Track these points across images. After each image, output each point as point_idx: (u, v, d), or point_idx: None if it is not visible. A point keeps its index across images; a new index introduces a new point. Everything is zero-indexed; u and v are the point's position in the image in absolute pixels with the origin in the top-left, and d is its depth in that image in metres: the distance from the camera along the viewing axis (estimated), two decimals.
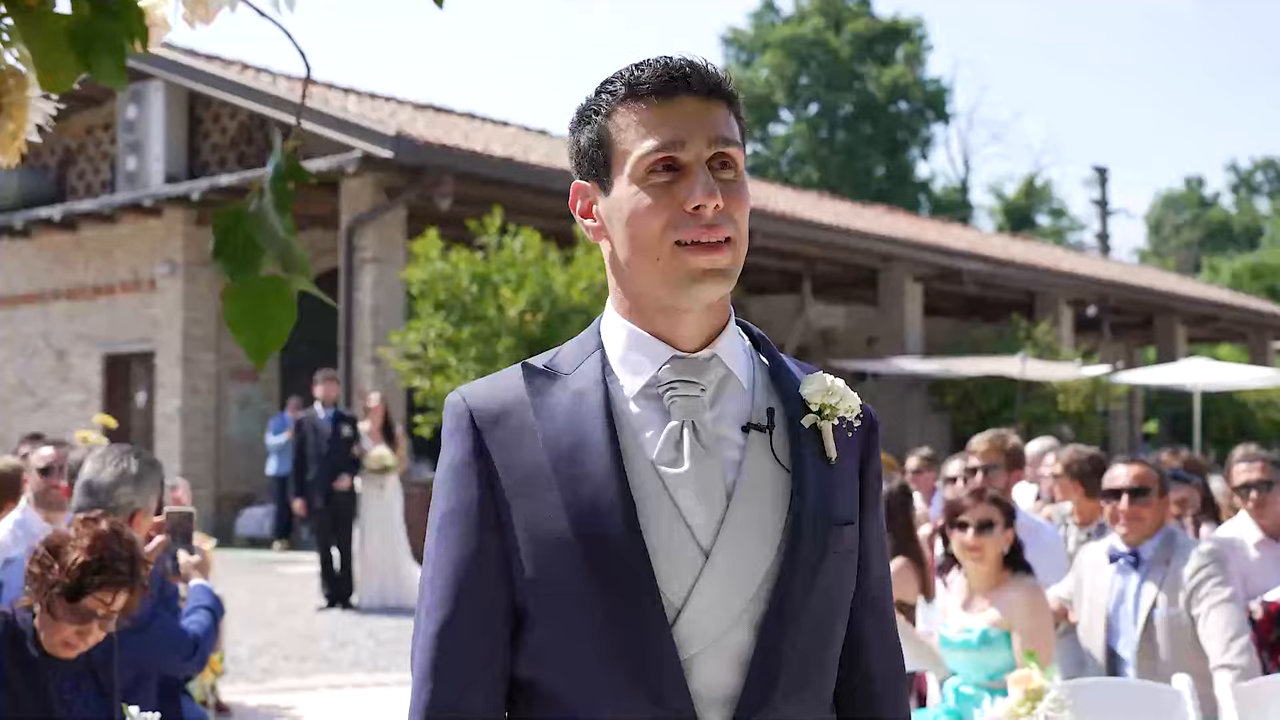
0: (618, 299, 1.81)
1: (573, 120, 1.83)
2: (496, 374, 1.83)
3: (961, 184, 55.30)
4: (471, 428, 1.76)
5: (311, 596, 12.96)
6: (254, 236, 1.12)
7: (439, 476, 1.79)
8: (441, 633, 1.72)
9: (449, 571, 1.73)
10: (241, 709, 8.05)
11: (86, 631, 3.49)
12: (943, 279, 24.85)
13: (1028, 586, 4.77)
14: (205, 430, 19.06)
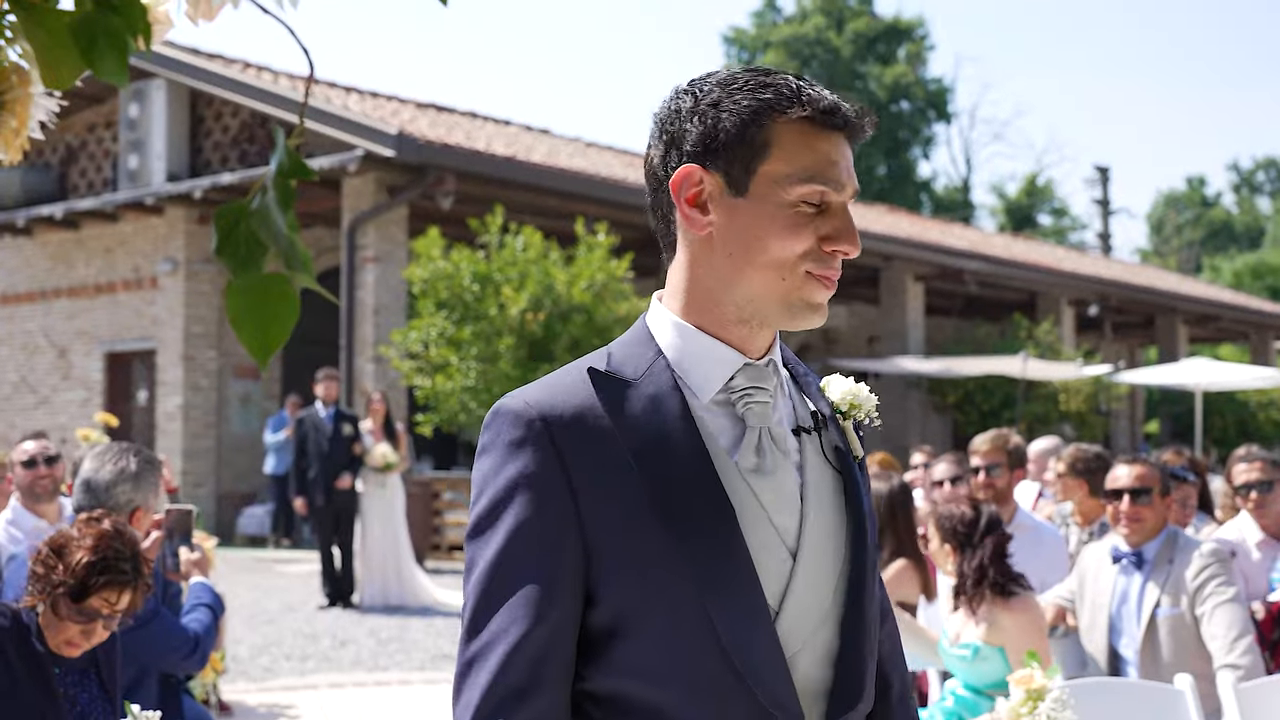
0: (685, 301, 1.75)
1: (701, 97, 1.73)
2: (549, 379, 1.74)
3: (963, 183, 55.30)
4: (545, 437, 1.66)
5: (312, 595, 12.95)
6: (256, 233, 1.12)
7: (499, 490, 1.67)
8: (524, 652, 1.61)
9: (531, 591, 1.63)
10: (242, 708, 8.04)
11: (91, 631, 3.49)
12: (944, 278, 24.85)
13: (1015, 606, 4.68)
14: (206, 428, 19.07)
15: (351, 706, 8.23)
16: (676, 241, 1.76)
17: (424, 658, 9.84)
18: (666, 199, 1.75)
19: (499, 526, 1.65)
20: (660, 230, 1.79)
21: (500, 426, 1.69)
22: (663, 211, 1.78)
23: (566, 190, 18.06)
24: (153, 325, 19.40)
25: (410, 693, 8.69)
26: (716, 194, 1.71)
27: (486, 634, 1.63)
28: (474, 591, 1.65)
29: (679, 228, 1.75)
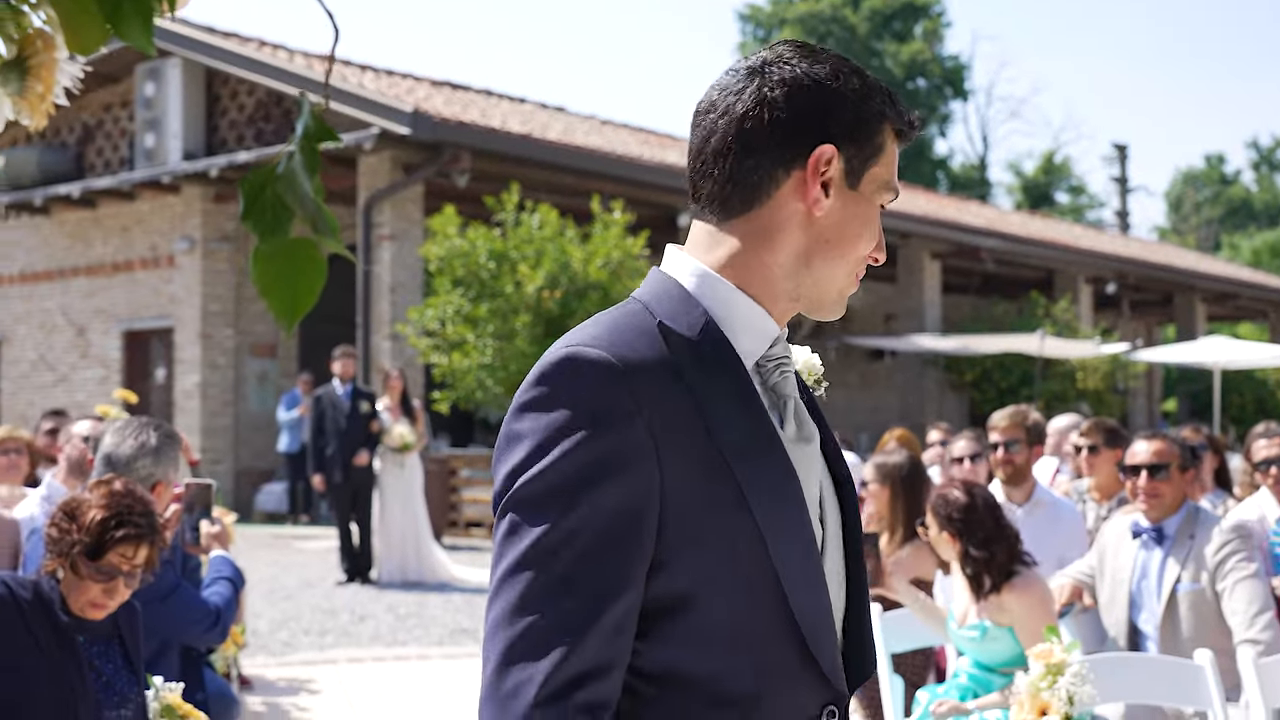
0: (737, 265, 1.69)
1: (844, 81, 1.69)
2: (617, 331, 1.61)
3: (980, 161, 55.10)
4: (636, 402, 1.55)
5: (330, 571, 13.01)
6: (283, 198, 1.11)
7: (587, 459, 1.53)
8: (602, 632, 1.52)
9: (612, 566, 1.52)
10: (262, 681, 8.09)
11: (112, 590, 3.50)
12: (961, 256, 24.78)
13: (1018, 586, 4.66)
14: (224, 406, 19.13)
15: (371, 681, 8.27)
16: (753, 204, 1.68)
17: (442, 633, 9.88)
18: (771, 160, 1.67)
19: (583, 498, 1.52)
20: (728, 186, 1.68)
21: (586, 384, 1.55)
22: (753, 171, 1.67)
23: (582, 168, 18.05)
24: (170, 303, 19.45)
25: (429, 667, 8.73)
26: (838, 181, 1.69)
27: (557, 611, 1.51)
28: (545, 559, 1.51)
29: (776, 198, 1.68)
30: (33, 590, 3.49)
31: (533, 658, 1.50)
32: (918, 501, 5.84)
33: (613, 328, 1.62)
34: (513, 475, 1.55)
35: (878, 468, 5.92)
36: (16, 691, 3.32)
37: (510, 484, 1.55)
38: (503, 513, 1.56)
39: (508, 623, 1.52)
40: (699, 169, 1.70)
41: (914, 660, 5.70)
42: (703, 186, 1.70)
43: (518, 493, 1.54)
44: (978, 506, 4.73)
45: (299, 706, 7.57)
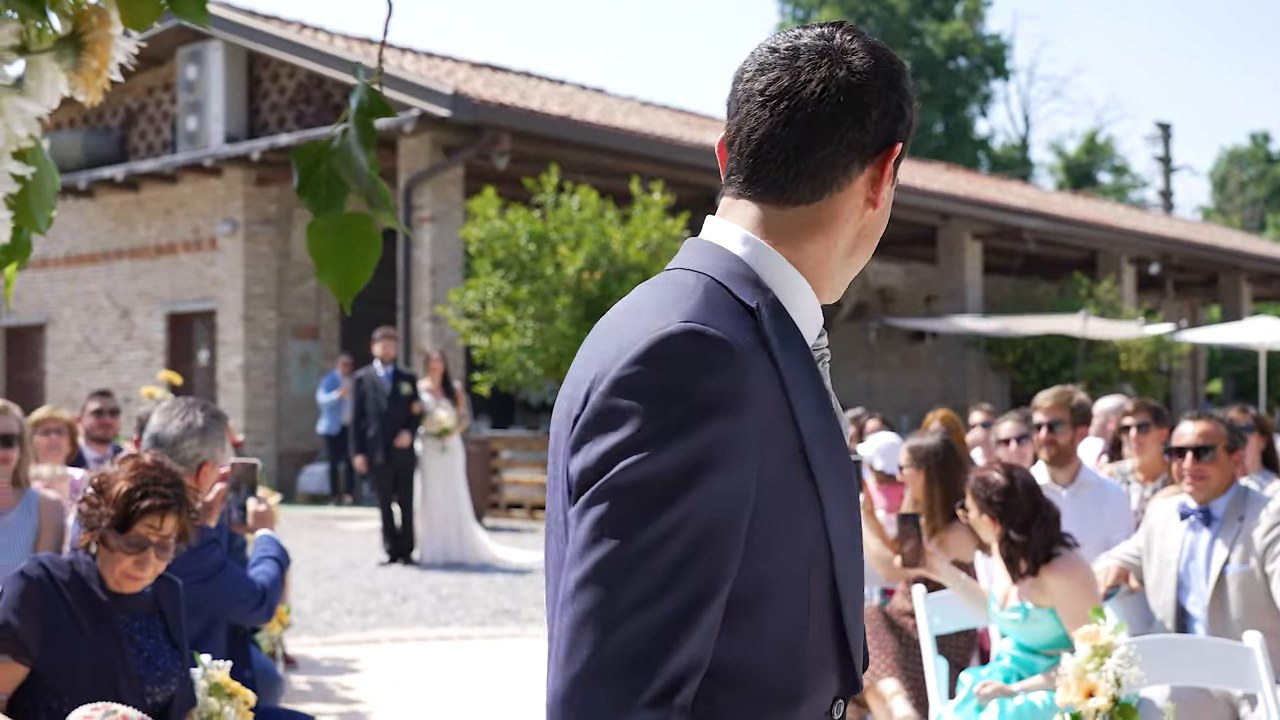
0: (799, 252, 1.64)
1: (908, 86, 1.68)
2: (705, 303, 1.52)
3: (1021, 141, 54.67)
4: (751, 384, 1.48)
5: (372, 552, 13.08)
6: (338, 173, 1.11)
7: (703, 442, 1.43)
8: (700, 628, 1.43)
9: (713, 561, 1.44)
10: (307, 661, 8.14)
11: (144, 561, 3.51)
12: (1002, 237, 24.62)
13: (1059, 567, 4.63)
14: (267, 387, 19.26)
15: (414, 660, 8.31)
16: (823, 194, 1.63)
17: (484, 613, 9.92)
18: (847, 153, 1.62)
19: (691, 489, 1.43)
20: (798, 176, 1.62)
21: (703, 364, 1.46)
22: (828, 162, 1.61)
23: (622, 149, 18.03)
24: (213, 286, 19.58)
25: (471, 647, 8.76)
26: (888, 172, 1.68)
27: (661, 608, 1.41)
28: (649, 552, 1.42)
29: (847, 190, 1.64)
30: (69, 570, 3.51)
31: (640, 657, 1.41)
32: (953, 483, 5.80)
33: (707, 304, 1.53)
34: (611, 457, 1.44)
35: (911, 451, 5.88)
36: (58, 668, 3.34)
37: (608, 466, 1.44)
38: (597, 497, 1.44)
39: (606, 618, 1.42)
40: (761, 153, 1.62)
41: (958, 642, 5.68)
42: (764, 171, 1.63)
43: (619, 478, 1.43)
44: (1017, 489, 4.71)
45: (343, 685, 7.62)
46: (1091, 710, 3.93)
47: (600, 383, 1.48)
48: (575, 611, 1.43)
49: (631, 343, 1.48)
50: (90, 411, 7.75)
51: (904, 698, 5.33)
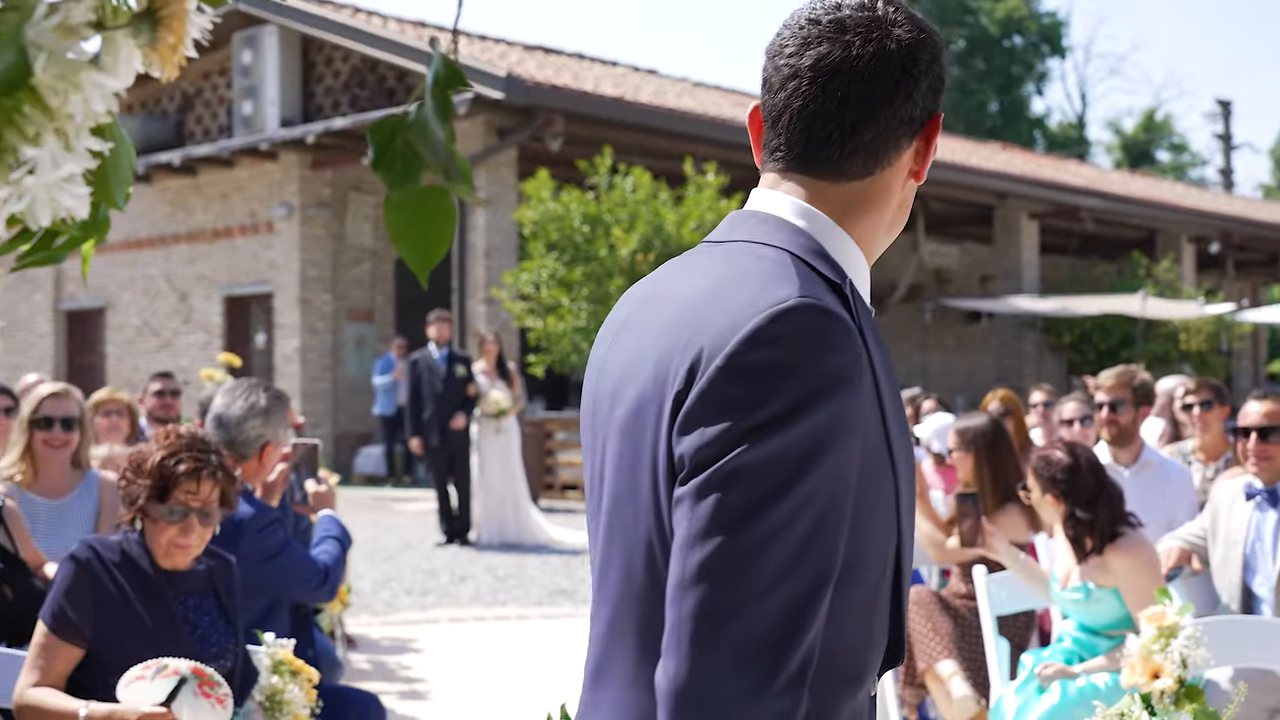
0: (860, 230, 1.63)
1: (942, 54, 1.65)
2: (805, 280, 1.49)
3: (1078, 120, 54.09)
4: (860, 357, 1.45)
5: (429, 533, 13.16)
6: (414, 146, 1.11)
7: (827, 419, 1.40)
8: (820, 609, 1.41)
9: (832, 539, 1.41)
10: (366, 640, 8.21)
11: (187, 528, 3.52)
12: (1060, 216, 24.39)
13: (1123, 547, 4.58)
14: (323, 370, 19.40)
15: (471, 640, 8.36)
16: (875, 169, 1.61)
17: (541, 593, 9.95)
18: (898, 127, 1.60)
19: (811, 471, 1.39)
20: (852, 152, 1.59)
21: (824, 341, 1.43)
22: (881, 137, 1.59)
23: (675, 130, 17.98)
24: (269, 269, 19.72)
25: (529, 627, 8.80)
26: (933, 149, 1.66)
27: (789, 592, 1.37)
28: (775, 535, 1.38)
29: (896, 164, 1.62)
30: (118, 550, 3.53)
31: (771, 642, 1.36)
32: (1002, 464, 5.75)
33: (807, 279, 1.49)
34: (735, 438, 1.39)
35: (959, 434, 5.83)
36: (112, 648, 3.36)
37: (731, 447, 1.39)
38: (721, 478, 1.39)
39: (735, 603, 1.37)
40: (813, 131, 1.59)
41: (1017, 622, 5.64)
42: (816, 148, 1.59)
43: (743, 458, 1.38)
44: (1080, 467, 4.66)
45: (403, 665, 7.68)
46: (1157, 691, 3.89)
47: (715, 359, 1.43)
48: (701, 598, 1.38)
49: (746, 317, 1.43)
50: (152, 392, 7.83)
51: (962, 678, 5.31)
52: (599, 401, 1.61)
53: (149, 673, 3.29)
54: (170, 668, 3.29)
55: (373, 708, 4.43)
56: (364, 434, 19.55)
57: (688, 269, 1.60)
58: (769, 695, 1.36)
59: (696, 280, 1.55)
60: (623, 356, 1.58)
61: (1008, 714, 4.72)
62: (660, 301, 1.57)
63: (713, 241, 1.63)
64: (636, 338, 1.57)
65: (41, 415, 5.11)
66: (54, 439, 5.12)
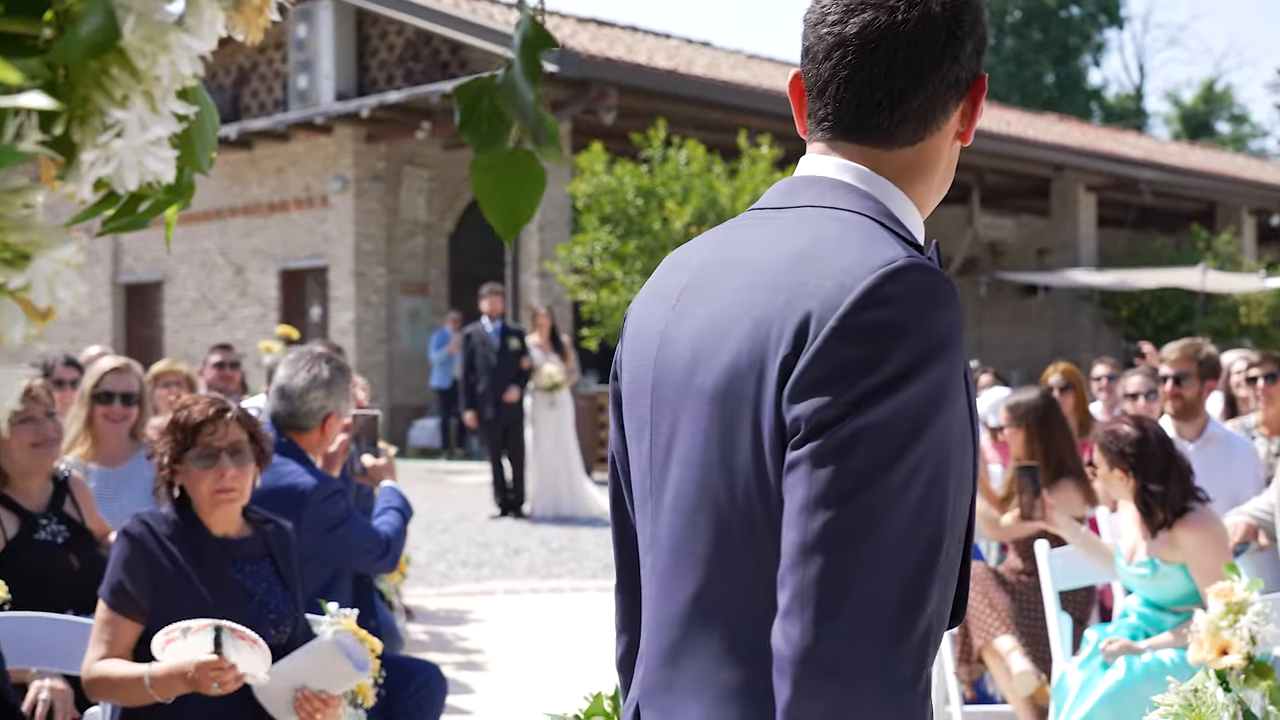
0: (915, 194, 1.63)
1: (984, 14, 1.63)
2: (892, 237, 1.50)
3: (1136, 91, 53.41)
4: (960, 317, 1.45)
5: (484, 505, 13.21)
6: (500, 109, 1.09)
7: (939, 378, 1.40)
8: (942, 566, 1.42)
9: (950, 500, 1.42)
10: (423, 611, 8.26)
11: (223, 471, 3.53)
12: (1118, 189, 24.13)
13: (1192, 522, 4.52)
14: (378, 343, 19.50)
15: (527, 612, 8.39)
16: (925, 135, 1.60)
17: (595, 566, 9.98)
18: (945, 91, 1.58)
19: (927, 432, 1.39)
20: (902, 119, 1.58)
21: (933, 302, 1.42)
22: (930, 103, 1.58)
23: (729, 103, 17.90)
24: (324, 243, 19.83)
25: (584, 599, 8.83)
26: (979, 111, 1.65)
27: (913, 555, 1.37)
28: (896, 498, 1.37)
29: (944, 128, 1.61)
30: (170, 522, 3.53)
31: (900, 605, 1.36)
32: (1054, 439, 5.68)
33: (899, 241, 1.49)
34: (850, 402, 1.38)
35: (1010, 410, 5.76)
36: (172, 620, 3.37)
37: (849, 410, 1.38)
38: (841, 442, 1.37)
39: (863, 567, 1.36)
40: (862, 99, 1.57)
41: (1078, 597, 5.59)
42: (866, 116, 1.57)
43: (863, 421, 1.37)
44: (1150, 440, 4.60)
45: (460, 636, 7.72)
46: (1225, 668, 3.84)
47: (827, 321, 1.40)
48: (825, 563, 1.36)
49: (856, 278, 1.41)
50: (211, 364, 7.90)
51: (1021, 653, 5.26)
52: (666, 370, 1.58)
53: (177, 633, 3.31)
54: (194, 627, 3.32)
55: (434, 678, 4.45)
56: (418, 407, 19.64)
57: (759, 235, 1.56)
58: (897, 660, 1.35)
59: (777, 245, 1.52)
60: (695, 325, 1.55)
61: (1071, 690, 4.69)
62: (735, 268, 1.54)
63: (770, 208, 1.60)
64: (713, 305, 1.53)
65: (103, 390, 5.17)
66: (114, 413, 5.17)
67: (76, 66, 1.03)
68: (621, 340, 1.72)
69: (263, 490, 4.08)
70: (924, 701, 1.40)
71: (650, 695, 1.58)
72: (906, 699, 1.36)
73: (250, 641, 3.32)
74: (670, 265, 1.68)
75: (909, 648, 1.36)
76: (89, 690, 3.40)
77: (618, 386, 1.71)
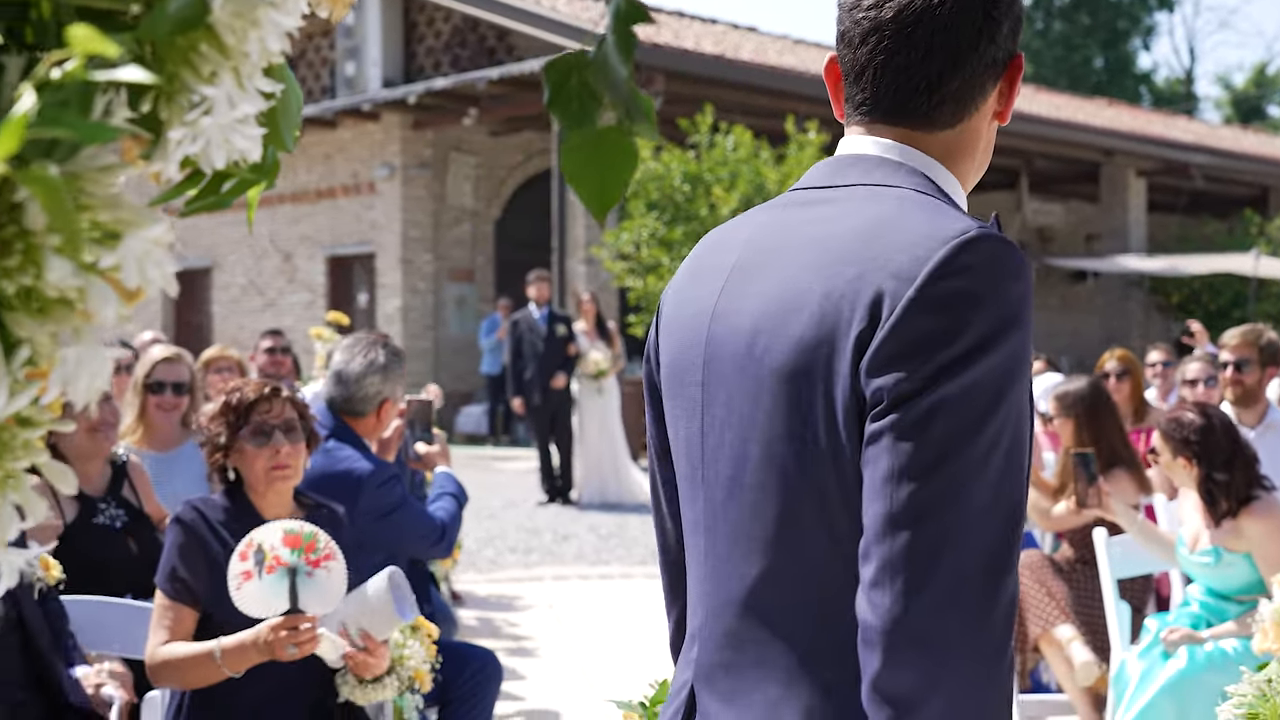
0: (960, 174, 1.63)
1: None
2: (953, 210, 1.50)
3: (1186, 75, 52.82)
4: (1033, 288, 1.46)
5: (531, 492, 13.22)
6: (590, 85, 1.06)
7: (1013, 348, 1.40)
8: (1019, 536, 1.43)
9: (1025, 468, 1.43)
10: (473, 597, 8.27)
11: (277, 447, 3.52)
12: (1168, 173, 23.86)
13: (1257, 511, 4.45)
14: (425, 329, 19.55)
15: (576, 598, 8.39)
16: (963, 117, 1.59)
17: (644, 553, 9.97)
18: (983, 72, 1.58)
19: (1005, 400, 1.39)
20: (941, 102, 1.57)
21: (1010, 272, 1.42)
22: (968, 84, 1.57)
23: (776, 88, 17.81)
24: (371, 230, 19.89)
25: (632, 585, 8.82)
26: (1016, 91, 1.65)
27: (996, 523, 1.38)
28: (979, 467, 1.37)
29: (982, 109, 1.60)
30: (222, 508, 3.53)
31: (987, 574, 1.36)
32: (1104, 428, 5.60)
33: (965, 216, 1.49)
34: (930, 374, 1.37)
35: (1058, 400, 5.68)
36: (226, 605, 3.36)
37: (927, 383, 1.37)
38: (924, 413, 1.37)
39: (951, 538, 1.36)
40: (900, 84, 1.56)
41: (1135, 586, 5.53)
42: (904, 100, 1.57)
43: (940, 394, 1.37)
44: (1215, 428, 4.54)
45: (510, 622, 7.73)
46: None
47: (903, 293, 1.40)
48: (912, 534, 1.37)
49: (929, 250, 1.40)
50: (263, 350, 7.93)
51: (1081, 642, 5.20)
52: (721, 350, 1.55)
53: (250, 564, 3.29)
54: (269, 555, 3.29)
55: (490, 664, 4.45)
56: (465, 393, 19.69)
57: (812, 214, 1.55)
58: (985, 631, 1.36)
59: (837, 222, 1.51)
60: (754, 303, 1.53)
61: (1131, 679, 4.63)
62: (793, 246, 1.53)
63: (816, 188, 1.59)
64: (773, 282, 1.52)
65: (154, 379, 5.21)
66: (165, 403, 5.22)
67: (164, 43, 1.02)
68: (656, 326, 1.71)
69: (318, 475, 4.09)
70: (1010, 675, 1.40)
71: (709, 676, 1.56)
72: (993, 672, 1.37)
73: (326, 560, 3.31)
74: (711, 246, 1.67)
75: (995, 620, 1.36)
76: (154, 676, 3.41)
77: (652, 371, 1.71)
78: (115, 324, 0.96)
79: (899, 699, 1.35)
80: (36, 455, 1.00)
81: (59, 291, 0.94)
